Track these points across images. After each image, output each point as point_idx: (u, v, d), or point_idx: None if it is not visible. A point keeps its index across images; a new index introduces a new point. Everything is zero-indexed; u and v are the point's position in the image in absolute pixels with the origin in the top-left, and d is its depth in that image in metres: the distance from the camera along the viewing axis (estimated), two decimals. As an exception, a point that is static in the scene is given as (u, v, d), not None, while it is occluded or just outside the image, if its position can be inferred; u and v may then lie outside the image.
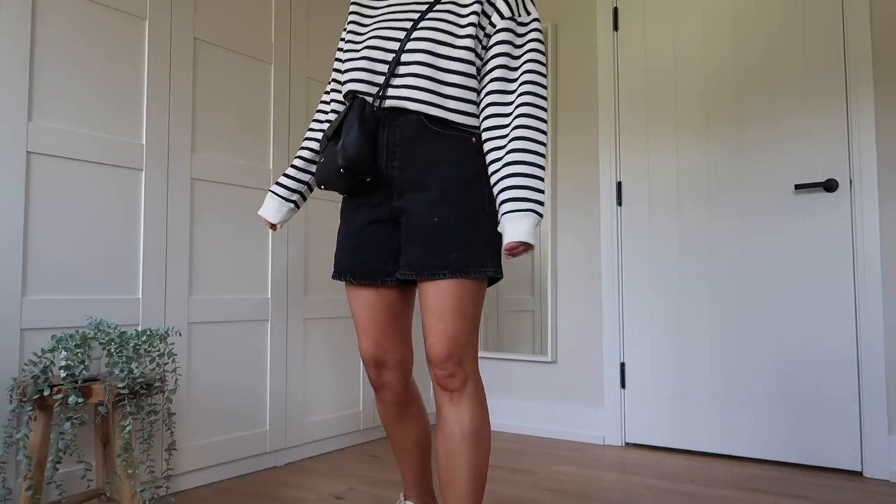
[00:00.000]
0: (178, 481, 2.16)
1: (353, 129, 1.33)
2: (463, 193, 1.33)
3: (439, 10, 1.38)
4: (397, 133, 1.37)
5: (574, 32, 3.07)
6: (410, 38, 1.36)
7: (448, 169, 1.34)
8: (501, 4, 1.37)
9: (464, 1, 1.39)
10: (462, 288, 1.32)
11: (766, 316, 2.54)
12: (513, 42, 1.37)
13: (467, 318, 1.33)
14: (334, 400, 2.74)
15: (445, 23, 1.37)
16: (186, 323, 2.19)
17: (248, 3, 2.46)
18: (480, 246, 1.33)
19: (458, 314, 1.32)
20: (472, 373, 1.37)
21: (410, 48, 1.36)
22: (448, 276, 1.30)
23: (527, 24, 1.39)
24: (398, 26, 1.40)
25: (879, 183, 2.36)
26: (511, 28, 1.37)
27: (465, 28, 1.36)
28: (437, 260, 1.31)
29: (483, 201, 1.36)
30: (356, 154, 1.31)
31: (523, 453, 2.69)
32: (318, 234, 2.70)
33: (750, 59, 2.63)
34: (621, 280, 2.87)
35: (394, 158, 1.37)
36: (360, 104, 1.35)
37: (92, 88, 1.98)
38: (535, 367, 3.07)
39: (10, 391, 1.71)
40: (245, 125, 2.43)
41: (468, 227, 1.32)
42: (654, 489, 2.20)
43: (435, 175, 1.34)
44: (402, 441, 1.59)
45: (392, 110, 1.37)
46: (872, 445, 2.32)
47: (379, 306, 1.46)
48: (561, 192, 3.06)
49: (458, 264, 1.30)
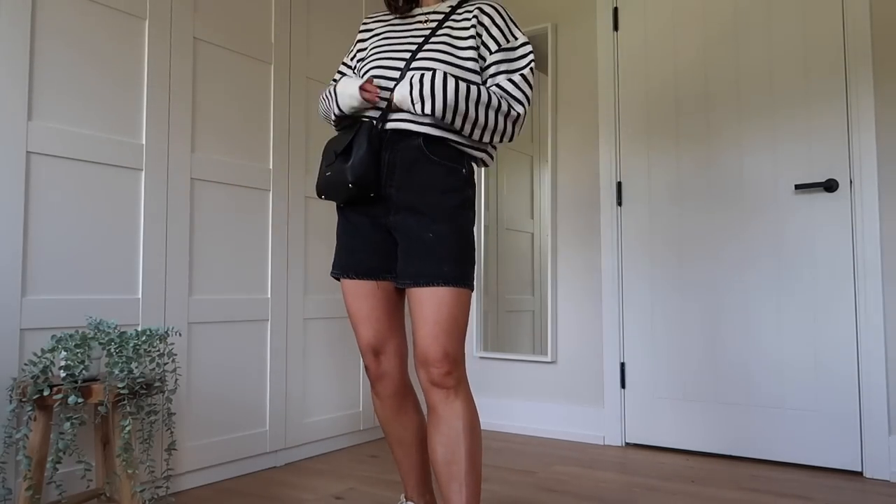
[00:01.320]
0: (178, 481, 2.16)
1: (362, 148, 1.44)
2: (453, 216, 1.46)
3: (439, 36, 1.51)
4: (398, 156, 1.47)
5: (574, 32, 3.07)
6: (411, 65, 1.48)
7: (439, 195, 1.45)
8: (494, 34, 1.51)
9: (461, 26, 1.52)
10: (454, 296, 1.43)
11: (766, 315, 2.54)
12: (508, 70, 1.50)
13: (458, 323, 1.44)
14: (334, 400, 2.74)
15: (447, 47, 1.49)
16: (186, 323, 2.19)
17: (248, 3, 2.46)
18: (467, 263, 1.46)
19: (452, 319, 1.42)
20: (463, 372, 1.46)
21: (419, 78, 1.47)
22: (442, 284, 1.42)
23: (516, 48, 1.52)
24: (400, 55, 1.51)
25: (879, 183, 2.36)
26: (504, 58, 1.51)
27: (465, 51, 1.49)
28: (433, 270, 1.43)
29: (469, 225, 1.49)
30: (365, 172, 1.43)
31: (523, 453, 2.69)
32: (317, 234, 2.70)
33: (750, 59, 2.63)
34: (621, 280, 2.87)
35: (392, 178, 1.47)
36: (369, 125, 1.47)
37: (92, 88, 1.98)
38: (535, 367, 3.07)
39: (9, 391, 1.71)
40: (245, 125, 2.43)
41: (458, 244, 1.45)
42: (654, 489, 2.20)
43: (427, 200, 1.45)
44: (401, 436, 1.61)
45: (395, 132, 1.48)
46: (872, 445, 2.32)
47: (379, 296, 1.55)
48: (561, 192, 3.06)
49: (451, 275, 1.43)
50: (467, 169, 1.52)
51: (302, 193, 2.63)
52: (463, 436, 1.42)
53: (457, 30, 1.51)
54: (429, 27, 1.54)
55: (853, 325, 2.38)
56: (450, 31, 1.51)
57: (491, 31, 1.51)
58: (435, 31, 1.51)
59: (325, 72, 2.77)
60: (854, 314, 2.38)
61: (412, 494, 1.64)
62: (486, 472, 2.41)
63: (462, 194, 1.48)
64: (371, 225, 1.52)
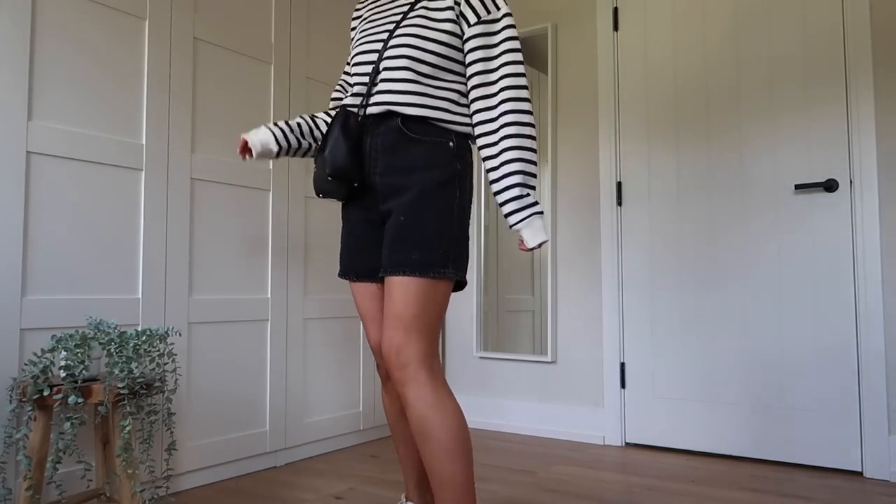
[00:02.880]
0: (178, 481, 2.16)
1: (336, 138, 1.42)
2: (434, 196, 1.38)
3: (413, 16, 1.45)
4: (378, 141, 1.43)
5: (574, 32, 3.07)
6: (388, 46, 1.44)
7: (423, 174, 1.39)
8: (474, 4, 1.42)
9: (437, 6, 1.44)
10: (422, 287, 1.35)
11: (766, 315, 2.54)
12: (487, 44, 1.42)
13: (423, 317, 1.34)
14: (334, 400, 2.74)
15: (422, 20, 1.43)
16: (186, 323, 2.19)
17: (248, 3, 2.46)
18: (443, 248, 1.36)
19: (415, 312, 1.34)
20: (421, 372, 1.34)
21: (389, 55, 1.43)
22: (409, 273, 1.34)
23: (498, 19, 1.43)
24: (377, 38, 1.48)
25: (879, 183, 2.36)
26: (483, 31, 1.42)
27: (442, 23, 1.42)
28: (401, 257, 1.35)
29: (453, 204, 1.41)
30: (339, 162, 1.41)
31: (523, 453, 2.69)
32: (317, 234, 2.70)
33: (750, 59, 2.63)
34: (621, 280, 2.87)
35: (376, 165, 1.44)
36: (343, 114, 1.44)
37: (92, 88, 1.98)
38: (535, 367, 3.07)
39: (9, 391, 1.71)
40: (245, 125, 2.43)
41: (432, 228, 1.36)
42: (654, 489, 2.20)
43: (412, 180, 1.39)
44: (406, 435, 1.61)
45: (375, 118, 1.45)
46: (872, 445, 2.32)
47: (382, 296, 1.52)
48: (561, 192, 3.06)
49: (418, 263, 1.34)
50: (455, 143, 1.44)
51: (302, 193, 2.63)
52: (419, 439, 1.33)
53: (434, 1, 1.45)
54: (408, 2, 1.49)
55: (853, 325, 2.38)
56: (427, 4, 1.45)
57: (471, 1, 1.42)
58: (413, 5, 1.46)
59: (325, 72, 2.77)
60: (854, 314, 2.38)
61: (412, 495, 1.64)
62: (486, 472, 2.41)
63: (448, 169, 1.41)
64: (364, 222, 1.50)
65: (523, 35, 3.20)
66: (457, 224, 1.40)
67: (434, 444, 1.32)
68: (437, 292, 1.36)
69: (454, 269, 1.38)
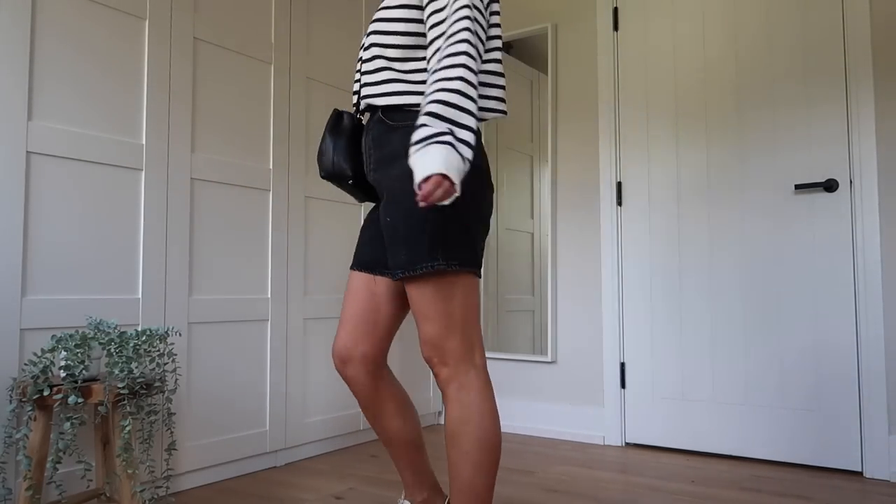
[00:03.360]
0: (178, 481, 2.16)
1: (325, 140, 1.46)
2: (408, 188, 1.28)
3: (381, 6, 1.43)
4: (370, 136, 1.43)
5: (574, 32, 3.07)
6: (369, 29, 1.44)
7: (401, 163, 1.32)
8: None
9: None
10: (421, 286, 1.29)
11: (766, 316, 2.54)
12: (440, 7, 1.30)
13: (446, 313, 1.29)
14: (334, 400, 2.74)
15: (384, 9, 1.40)
16: (186, 323, 2.19)
17: (248, 3, 2.46)
18: (428, 239, 1.25)
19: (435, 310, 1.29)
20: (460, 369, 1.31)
21: (364, 48, 1.44)
22: (404, 275, 1.29)
23: None
24: None
25: (879, 183, 2.36)
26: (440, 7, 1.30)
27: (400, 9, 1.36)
28: (394, 260, 1.31)
29: None
30: (329, 162, 1.44)
31: (523, 453, 2.69)
32: (318, 234, 2.70)
33: (750, 59, 2.63)
34: (621, 280, 2.87)
35: (370, 161, 1.43)
36: (334, 116, 1.46)
37: (92, 88, 1.98)
38: (535, 367, 3.07)
39: (9, 391, 1.71)
40: (245, 125, 2.43)
41: (413, 220, 1.26)
42: (654, 489, 2.20)
43: (392, 173, 1.33)
44: (387, 438, 1.57)
45: (367, 114, 1.47)
46: (872, 445, 2.32)
47: (363, 295, 1.49)
48: (561, 192, 3.06)
49: (407, 262, 1.27)
50: None
51: (302, 193, 2.63)
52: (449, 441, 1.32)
53: None
54: None
55: (853, 325, 2.38)
56: None
57: None
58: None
59: (326, 72, 2.77)
60: (854, 313, 2.38)
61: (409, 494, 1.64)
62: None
63: None
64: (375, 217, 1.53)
65: (523, 35, 3.20)
66: (446, 209, 1.26)
67: (461, 451, 1.29)
68: (444, 286, 1.28)
69: (444, 259, 1.26)
